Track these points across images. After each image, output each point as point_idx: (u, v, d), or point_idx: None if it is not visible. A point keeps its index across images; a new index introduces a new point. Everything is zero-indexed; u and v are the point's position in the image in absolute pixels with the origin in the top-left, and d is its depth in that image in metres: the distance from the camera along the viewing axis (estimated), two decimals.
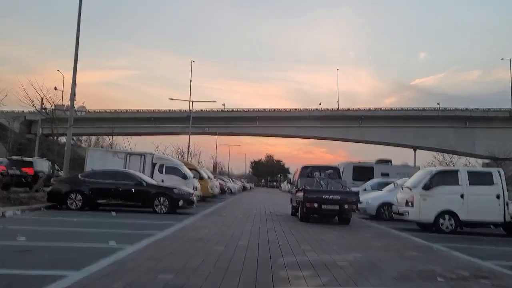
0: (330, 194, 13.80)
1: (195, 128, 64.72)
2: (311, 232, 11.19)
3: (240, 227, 11.69)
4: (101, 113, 63.03)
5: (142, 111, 63.63)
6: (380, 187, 19.97)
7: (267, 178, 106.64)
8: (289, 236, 10.24)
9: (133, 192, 14.62)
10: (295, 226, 12.65)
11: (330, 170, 16.48)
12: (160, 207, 14.55)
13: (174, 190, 14.88)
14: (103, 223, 11.45)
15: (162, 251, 7.30)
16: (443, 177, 12.79)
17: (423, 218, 12.58)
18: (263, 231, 11.06)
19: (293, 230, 11.55)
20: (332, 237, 10.28)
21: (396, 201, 13.75)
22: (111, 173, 15.13)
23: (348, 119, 61.82)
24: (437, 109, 61.03)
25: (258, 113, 62.89)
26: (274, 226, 12.41)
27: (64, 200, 14.30)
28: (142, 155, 19.33)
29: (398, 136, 61.30)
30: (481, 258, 7.91)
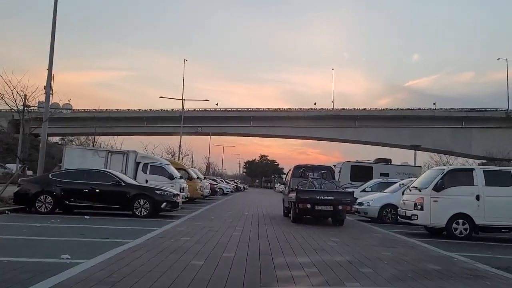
0: (324, 195, 13.28)
1: (188, 128, 63.13)
2: (308, 239, 9.70)
3: (228, 233, 10.17)
4: (92, 112, 61.17)
5: (133, 110, 61.94)
6: (380, 187, 18.63)
7: (261, 179, 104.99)
8: (284, 244, 8.73)
9: (110, 193, 13.06)
10: (289, 231, 11.15)
11: (324, 170, 15.82)
12: (140, 209, 12.99)
13: (156, 191, 13.33)
14: (70, 229, 9.89)
15: (124, 267, 5.76)
16: (456, 176, 11.34)
17: (434, 222, 11.12)
18: (254, 238, 9.55)
19: (288, 236, 10.05)
20: (334, 246, 8.78)
21: (402, 204, 12.28)
22: (86, 172, 13.53)
23: (343, 119, 60.52)
24: (433, 109, 59.90)
25: (252, 113, 61.46)
26: (267, 232, 10.90)
27: (33, 203, 12.69)
28: (124, 153, 17.74)
29: (394, 136, 60.04)
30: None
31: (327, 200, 13.17)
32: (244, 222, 13.15)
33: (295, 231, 11.26)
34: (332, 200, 13.20)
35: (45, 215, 12.17)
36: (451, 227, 10.95)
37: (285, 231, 11.29)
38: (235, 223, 12.80)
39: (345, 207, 13.42)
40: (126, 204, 13.03)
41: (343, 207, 13.28)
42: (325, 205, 13.15)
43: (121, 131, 61.19)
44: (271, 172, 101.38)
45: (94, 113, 61.20)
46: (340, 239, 9.99)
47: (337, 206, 13.16)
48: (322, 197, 13.18)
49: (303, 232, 11.22)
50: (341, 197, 13.49)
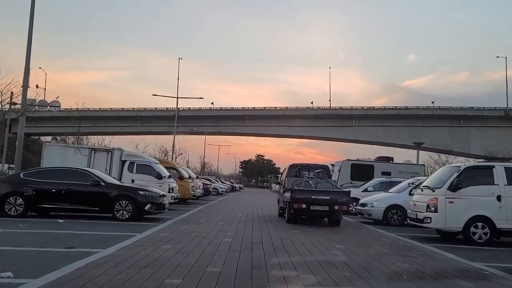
0: (319, 194, 12.82)
1: (183, 128, 61.74)
2: (309, 246, 8.39)
3: (217, 239, 8.84)
4: (85, 111, 59.68)
5: (127, 109, 60.46)
6: (382, 187, 17.39)
7: (257, 179, 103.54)
8: (281, 254, 7.41)
9: (88, 194, 11.72)
10: (286, 237, 9.83)
11: (319, 169, 15.39)
12: (122, 212, 11.65)
13: (140, 191, 11.97)
14: (35, 236, 8.54)
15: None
16: (474, 175, 10.05)
17: (450, 225, 9.83)
18: (247, 245, 8.22)
19: (286, 243, 8.74)
20: (341, 256, 7.46)
21: (412, 205, 10.99)
22: (62, 171, 12.16)
23: (340, 118, 59.28)
24: (431, 108, 58.80)
25: (248, 112, 60.13)
26: (262, 237, 9.58)
27: (2, 205, 11.31)
28: (109, 151, 16.37)
29: (392, 136, 58.89)
30: None
31: (323, 200, 12.68)
32: (237, 226, 11.82)
33: (293, 236, 9.95)
34: (328, 200, 12.69)
35: (15, 219, 10.82)
36: (469, 231, 9.67)
37: (282, 236, 9.96)
38: (227, 227, 11.47)
39: (342, 207, 12.92)
40: (106, 206, 11.69)
41: (339, 207, 12.80)
42: (320, 205, 12.68)
43: (115, 131, 59.85)
44: (267, 172, 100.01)
45: (87, 112, 59.85)
46: (345, 246, 8.67)
47: (333, 206, 12.67)
48: (318, 197, 12.69)
49: (302, 237, 9.91)
50: (337, 197, 12.97)
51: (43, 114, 57.86)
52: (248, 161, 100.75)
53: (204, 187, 24.07)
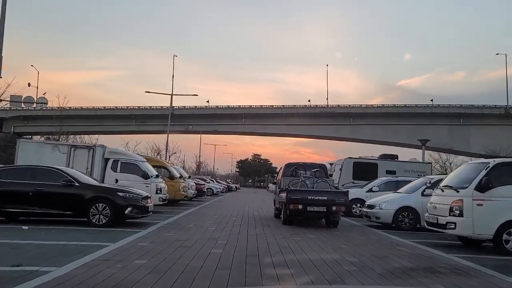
0: (316, 195, 12.22)
1: (178, 126, 60.09)
2: (315, 259, 6.87)
3: (205, 250, 7.32)
4: (78, 110, 58.10)
5: (121, 108, 58.74)
6: (388, 187, 15.96)
7: (254, 178, 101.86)
8: (282, 272, 5.89)
9: (60, 196, 10.16)
10: (287, 246, 8.32)
11: (316, 169, 14.66)
12: (98, 217, 10.10)
13: (119, 193, 10.41)
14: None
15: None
16: (507, 172, 8.57)
17: (479, 232, 8.32)
18: (239, 258, 6.69)
19: (287, 254, 7.22)
20: (356, 273, 5.94)
21: (431, 207, 9.47)
22: (29, 169, 10.60)
23: (338, 116, 57.81)
24: (430, 106, 57.44)
25: (244, 111, 58.53)
26: (258, 246, 8.06)
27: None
28: (90, 148, 14.77)
29: (390, 134, 57.49)
30: None
31: (320, 200, 12.09)
32: (230, 231, 10.29)
33: (295, 245, 8.42)
34: (326, 201, 12.10)
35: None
36: (502, 238, 8.18)
37: (282, 245, 8.44)
38: (218, 233, 9.92)
39: (339, 208, 12.38)
40: (80, 209, 10.13)
41: (337, 208, 12.22)
42: (318, 206, 12.08)
43: (109, 130, 58.20)
44: (264, 172, 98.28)
45: (81, 111, 58.22)
46: (358, 258, 7.15)
47: (330, 207, 12.06)
48: (315, 197, 12.11)
49: (305, 246, 8.40)
50: (335, 197, 12.33)
51: (35, 113, 56.15)
52: (245, 161, 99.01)
53: (197, 187, 22.59)
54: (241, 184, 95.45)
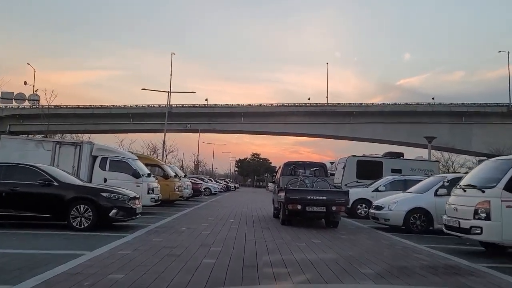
0: (316, 194, 11.80)
1: (176, 125, 59.03)
2: (323, 270, 5.81)
3: (195, 261, 6.25)
4: (74, 109, 57.04)
5: (118, 106, 57.64)
6: (395, 186, 14.96)
7: (253, 178, 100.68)
8: (286, 284, 4.84)
9: (37, 196, 9.10)
10: (289, 253, 7.28)
11: (316, 168, 14.33)
12: (80, 219, 9.04)
13: (103, 193, 9.34)
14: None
15: None
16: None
17: (509, 238, 7.28)
18: (235, 270, 5.63)
19: (290, 266, 6.16)
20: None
21: (451, 209, 8.41)
22: (4, 167, 9.52)
23: (338, 115, 56.81)
24: (432, 104, 56.48)
25: (243, 109, 57.50)
26: (257, 254, 7.01)
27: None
28: (77, 145, 13.68)
29: (391, 133, 56.53)
30: None
31: (320, 200, 11.68)
32: (225, 236, 9.23)
33: (299, 253, 7.36)
34: (325, 200, 11.68)
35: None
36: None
37: (284, 251, 7.38)
38: (212, 238, 8.86)
39: (339, 208, 11.97)
40: (60, 212, 9.08)
41: (337, 208, 11.81)
42: (317, 206, 11.68)
43: (106, 129, 57.10)
44: (264, 171, 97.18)
45: (77, 109, 57.15)
46: (373, 269, 6.09)
47: (330, 207, 11.67)
48: (314, 197, 11.69)
49: (311, 254, 7.33)
50: (334, 197, 11.92)
51: (30, 112, 55.13)
52: (244, 160, 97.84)
53: (194, 187, 21.49)
54: (240, 184, 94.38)
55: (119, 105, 57.59)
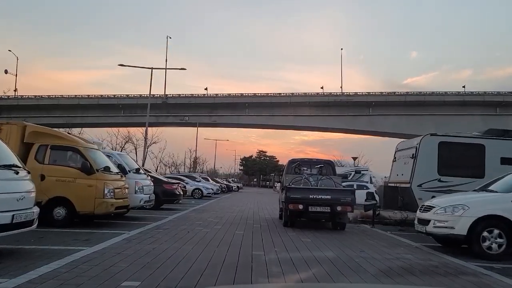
0: (319, 193, 11.65)
1: (173, 118, 55.89)
2: None
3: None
4: (58, 99, 54.11)
5: (107, 96, 54.56)
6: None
7: (259, 177, 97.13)
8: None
9: None
10: None
11: (321, 165, 14.20)
12: None
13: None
14: None
15: None
16: None
17: None
18: None
19: None
20: None
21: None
22: None
23: (355, 106, 53.26)
24: (462, 93, 52.67)
25: (248, 99, 54.16)
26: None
27: None
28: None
29: (415, 126, 52.70)
30: None
31: (323, 199, 11.48)
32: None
33: None
34: (329, 200, 11.47)
35: None
36: None
37: None
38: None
39: (345, 208, 11.54)
40: None
41: (342, 208, 11.49)
42: (320, 206, 11.48)
43: (93, 122, 54.13)
44: (270, 170, 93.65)
45: (61, 99, 54.22)
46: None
47: (335, 207, 11.43)
48: (317, 196, 11.52)
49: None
50: (339, 196, 11.67)
51: (9, 103, 52.54)
52: (249, 158, 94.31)
53: (167, 188, 16.00)
54: (246, 184, 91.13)
55: (108, 95, 54.53)
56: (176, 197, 16.78)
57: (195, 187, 25.01)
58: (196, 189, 24.96)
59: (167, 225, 11.30)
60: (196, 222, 12.38)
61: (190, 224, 11.78)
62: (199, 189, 25.13)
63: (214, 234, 9.65)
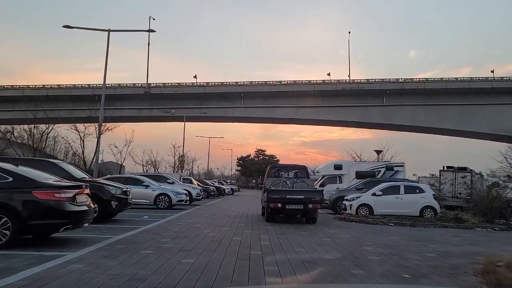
0: (294, 194, 13.32)
1: (157, 111, 47.16)
2: None
3: None
4: (22, 90, 45.28)
5: (80, 86, 45.78)
6: None
7: (257, 178, 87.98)
8: None
9: None
10: None
11: (296, 170, 15.71)
12: None
13: None
14: None
15: None
16: None
17: None
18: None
19: None
20: None
21: None
22: None
23: (366, 95, 44.79)
24: (490, 79, 44.05)
25: (244, 88, 45.51)
26: None
27: None
28: None
29: (435, 118, 44.40)
30: None
31: (297, 199, 13.14)
32: None
33: None
34: (302, 199, 13.15)
35: None
36: None
37: None
38: None
39: (315, 206, 13.36)
40: None
41: (313, 205, 13.24)
42: (295, 204, 13.16)
43: (65, 116, 44.99)
44: None
45: (25, 90, 45.40)
46: None
47: (307, 205, 13.14)
48: (293, 196, 13.16)
49: None
50: (310, 196, 13.44)
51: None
52: (247, 158, 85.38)
53: (40, 198, 7.31)
54: (243, 185, 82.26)
55: (82, 85, 45.77)
56: (104, 209, 9.45)
57: (160, 192, 16.18)
58: (161, 195, 16.15)
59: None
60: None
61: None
62: (166, 195, 16.37)
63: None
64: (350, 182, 21.18)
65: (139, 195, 16.01)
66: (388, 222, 13.42)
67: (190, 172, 50.98)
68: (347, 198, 16.09)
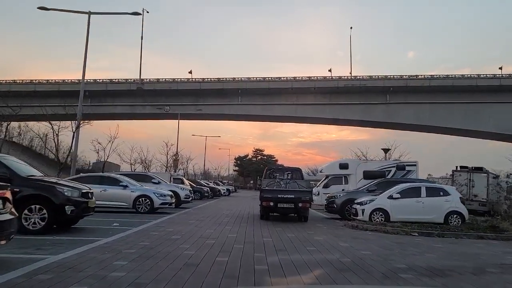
0: (285, 193, 14.03)
1: (150, 108, 44.65)
2: None
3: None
4: (9, 85, 42.78)
5: (70, 82, 43.25)
6: None
7: (255, 179, 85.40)
8: None
9: None
10: None
11: (289, 172, 16.45)
12: None
13: None
14: None
15: None
16: None
17: None
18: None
19: None
20: None
21: None
22: None
23: (369, 92, 42.49)
24: (498, 76, 41.75)
25: (241, 85, 43.15)
26: None
27: None
28: None
29: (442, 116, 42.02)
30: None
31: (288, 198, 13.79)
32: None
33: None
34: (293, 198, 13.79)
35: None
36: None
37: None
38: None
39: (305, 205, 13.91)
40: None
41: (303, 204, 13.84)
42: (286, 203, 13.79)
43: (53, 112, 42.42)
44: None
45: (12, 85, 42.89)
46: None
47: (297, 204, 13.78)
48: (284, 196, 13.86)
49: None
50: (300, 195, 14.00)
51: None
52: (244, 158, 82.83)
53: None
54: (241, 186, 79.75)
55: (72, 80, 43.22)
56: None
57: (139, 193, 13.84)
58: (142, 197, 13.67)
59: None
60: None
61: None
62: (147, 197, 14.25)
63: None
64: (357, 183, 18.75)
65: (115, 196, 13.55)
66: (411, 231, 10.94)
67: (185, 172, 48.39)
68: (358, 202, 13.59)
